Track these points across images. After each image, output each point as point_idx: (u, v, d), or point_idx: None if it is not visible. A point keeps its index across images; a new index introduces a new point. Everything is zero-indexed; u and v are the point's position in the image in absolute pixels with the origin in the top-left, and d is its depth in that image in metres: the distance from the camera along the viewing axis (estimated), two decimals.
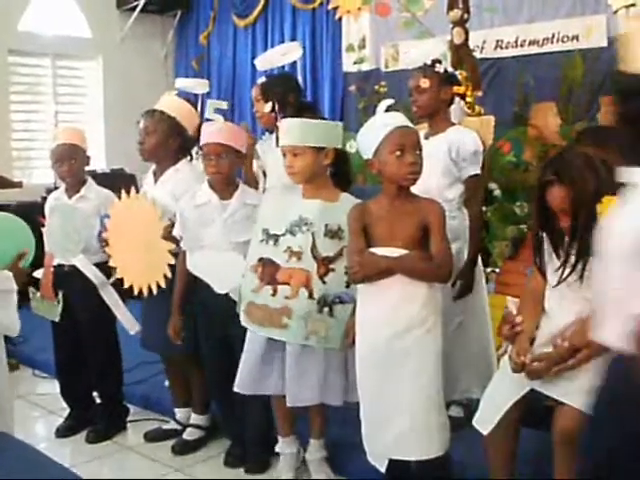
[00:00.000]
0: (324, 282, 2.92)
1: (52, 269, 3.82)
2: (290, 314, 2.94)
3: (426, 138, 3.41)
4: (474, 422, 2.73)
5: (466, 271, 3.44)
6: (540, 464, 2.84)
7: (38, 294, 3.85)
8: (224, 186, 3.32)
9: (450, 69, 3.72)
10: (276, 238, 2.99)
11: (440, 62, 3.58)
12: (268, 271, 2.99)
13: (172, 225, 3.43)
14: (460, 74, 5.22)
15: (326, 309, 2.93)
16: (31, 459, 1.96)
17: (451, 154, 3.43)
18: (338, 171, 3.11)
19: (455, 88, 3.58)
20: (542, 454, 2.72)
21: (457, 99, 3.94)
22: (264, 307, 3.00)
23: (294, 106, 3.78)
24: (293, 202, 3.06)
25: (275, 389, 3.10)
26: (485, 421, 2.68)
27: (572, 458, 2.44)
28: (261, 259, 3.02)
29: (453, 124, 3.61)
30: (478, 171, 3.48)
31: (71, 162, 3.79)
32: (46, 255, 3.81)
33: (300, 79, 4.17)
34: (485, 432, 2.66)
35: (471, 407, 3.31)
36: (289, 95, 3.90)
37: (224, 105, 3.56)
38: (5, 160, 7.50)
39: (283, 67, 4.81)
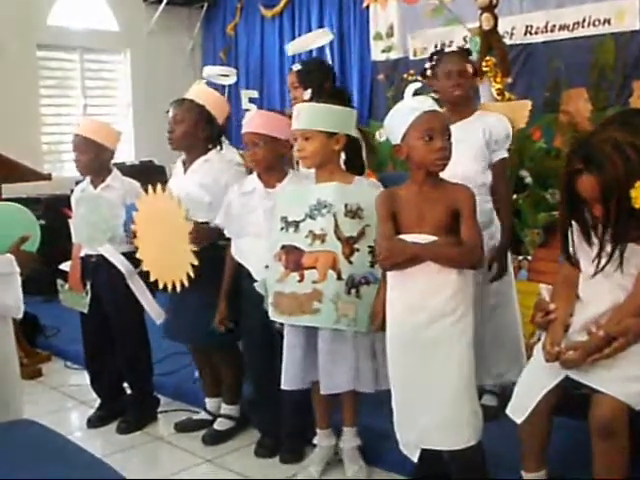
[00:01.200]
0: (350, 262, 2.90)
1: (79, 260, 3.82)
2: (320, 297, 2.92)
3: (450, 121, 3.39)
4: (508, 410, 2.70)
5: (501, 253, 3.42)
6: (574, 454, 2.80)
7: (66, 286, 3.86)
8: (267, 174, 3.30)
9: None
10: (296, 224, 2.97)
11: (469, 52, 3.62)
12: (292, 258, 2.97)
13: (198, 224, 3.42)
14: (489, 60, 5.21)
15: (353, 290, 2.90)
16: (61, 447, 1.96)
17: (485, 138, 3.40)
18: (350, 158, 3.08)
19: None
20: (577, 444, 2.69)
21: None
22: (292, 295, 2.98)
23: (329, 92, 3.76)
24: (309, 188, 3.04)
25: (317, 378, 3.08)
26: (519, 409, 2.64)
27: (613, 450, 2.40)
28: (284, 247, 3.00)
29: (476, 109, 3.60)
30: (506, 154, 3.47)
31: (81, 154, 3.79)
32: (74, 246, 3.83)
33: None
34: (519, 420, 2.63)
35: (505, 396, 3.27)
36: (326, 81, 3.89)
37: (256, 94, 3.55)
38: (35, 154, 7.54)
39: (311, 52, 4.79)
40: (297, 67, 4.04)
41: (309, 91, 3.28)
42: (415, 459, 2.76)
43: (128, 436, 3.82)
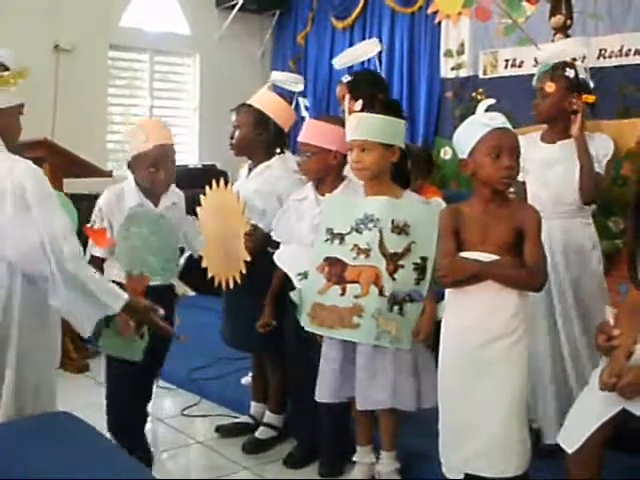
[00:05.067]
0: (394, 279, 2.87)
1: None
2: (361, 313, 2.89)
3: (547, 141, 3.33)
4: (558, 439, 2.58)
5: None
6: None
7: (110, 329, 2.74)
8: (319, 183, 3.28)
9: (583, 75, 3.42)
10: (342, 237, 2.95)
11: (572, 65, 3.37)
12: (335, 270, 2.96)
13: (254, 227, 3.39)
14: None
15: (396, 307, 2.87)
16: (93, 441, 1.94)
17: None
18: (398, 170, 3.03)
19: (585, 97, 3.33)
20: None
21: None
22: (333, 308, 2.95)
23: (383, 103, 3.70)
24: (357, 201, 3.02)
25: (354, 394, 3.02)
26: (571, 438, 2.52)
27: None
28: (327, 258, 2.97)
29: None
30: (601, 172, 3.25)
31: (170, 165, 3.08)
32: (129, 277, 2.85)
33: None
34: (570, 450, 2.51)
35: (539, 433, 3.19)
36: (378, 92, 3.84)
37: (306, 102, 3.56)
38: (100, 152, 7.62)
39: (362, 64, 4.73)
40: (347, 78, 3.98)
41: (360, 102, 3.25)
42: None
43: (166, 438, 3.80)
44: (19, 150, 2.44)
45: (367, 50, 4.24)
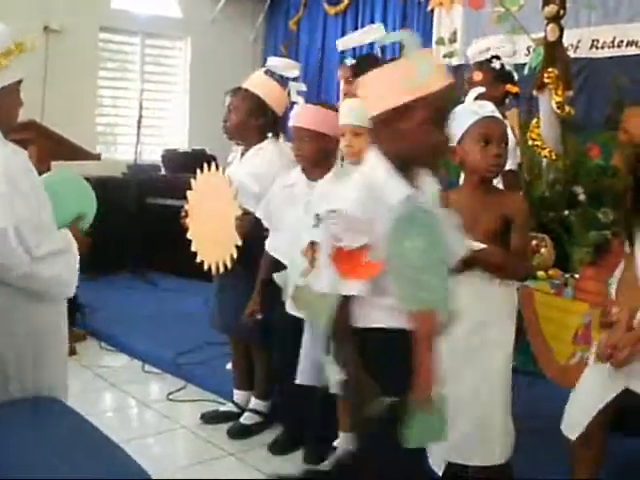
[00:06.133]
0: None
1: None
2: None
3: None
4: (562, 427, 2.59)
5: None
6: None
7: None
8: (311, 168, 3.27)
9: (508, 67, 3.64)
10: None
11: (499, 58, 3.57)
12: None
13: (245, 212, 3.38)
14: (552, 72, 5.07)
15: None
16: (77, 428, 1.93)
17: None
18: None
19: (508, 86, 3.46)
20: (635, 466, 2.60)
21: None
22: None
23: None
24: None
25: None
26: (573, 426, 2.54)
27: None
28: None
29: None
30: (513, 167, 3.35)
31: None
32: None
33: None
34: (573, 437, 2.53)
35: None
36: None
37: (303, 87, 3.52)
38: (89, 134, 7.59)
39: (361, 49, 4.72)
40: (351, 61, 3.96)
41: None
42: (440, 473, 2.67)
43: (151, 423, 3.79)
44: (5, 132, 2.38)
45: (371, 34, 4.24)
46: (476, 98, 2.73)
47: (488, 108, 2.64)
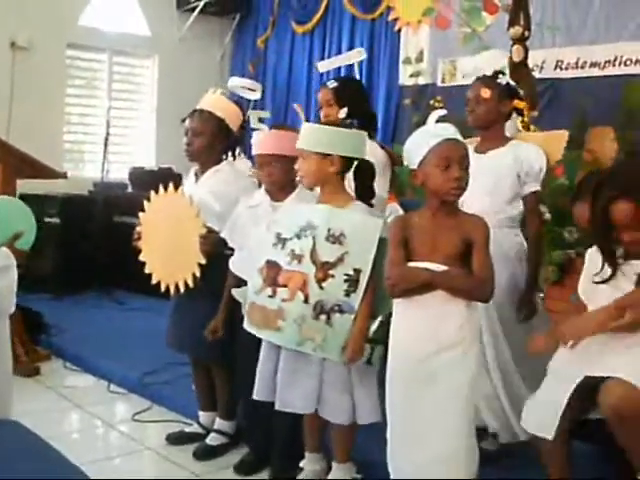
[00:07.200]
0: (321, 287, 2.84)
1: None
2: (284, 316, 2.89)
3: (479, 152, 3.32)
4: (532, 430, 2.67)
5: (530, 292, 3.28)
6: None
7: None
8: (277, 191, 3.27)
9: (512, 82, 3.52)
10: (284, 242, 2.95)
11: (503, 73, 3.47)
12: (271, 273, 2.96)
13: (208, 230, 3.37)
14: None
15: (323, 316, 2.84)
16: (37, 450, 1.91)
17: (517, 168, 3.28)
18: (360, 182, 3.02)
19: (515, 102, 3.43)
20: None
21: (514, 115, 3.73)
22: (262, 308, 2.97)
23: (366, 113, 3.70)
24: (304, 208, 3.02)
25: None
26: (546, 426, 2.59)
27: (633, 432, 2.41)
28: (268, 261, 2.98)
29: (511, 138, 3.45)
30: (539, 187, 3.34)
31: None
32: None
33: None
34: (550, 437, 2.57)
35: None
36: (362, 102, 3.84)
37: (267, 114, 3.53)
38: (56, 151, 7.54)
39: (339, 70, 4.77)
40: (333, 84, 3.94)
41: (345, 110, 3.22)
42: None
43: (117, 444, 3.75)
44: None
45: (352, 57, 4.32)
46: (437, 121, 2.73)
47: (449, 130, 2.64)
